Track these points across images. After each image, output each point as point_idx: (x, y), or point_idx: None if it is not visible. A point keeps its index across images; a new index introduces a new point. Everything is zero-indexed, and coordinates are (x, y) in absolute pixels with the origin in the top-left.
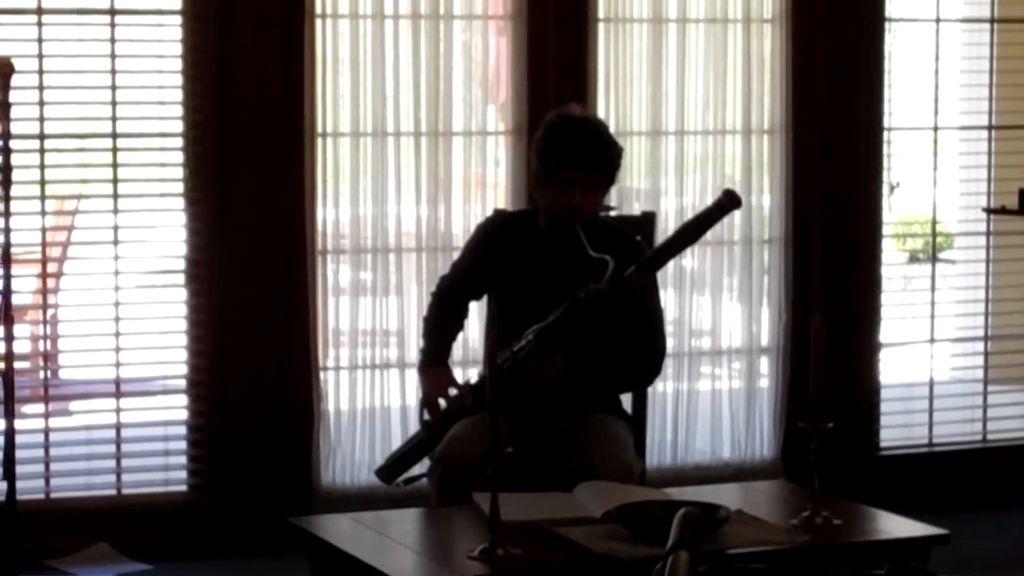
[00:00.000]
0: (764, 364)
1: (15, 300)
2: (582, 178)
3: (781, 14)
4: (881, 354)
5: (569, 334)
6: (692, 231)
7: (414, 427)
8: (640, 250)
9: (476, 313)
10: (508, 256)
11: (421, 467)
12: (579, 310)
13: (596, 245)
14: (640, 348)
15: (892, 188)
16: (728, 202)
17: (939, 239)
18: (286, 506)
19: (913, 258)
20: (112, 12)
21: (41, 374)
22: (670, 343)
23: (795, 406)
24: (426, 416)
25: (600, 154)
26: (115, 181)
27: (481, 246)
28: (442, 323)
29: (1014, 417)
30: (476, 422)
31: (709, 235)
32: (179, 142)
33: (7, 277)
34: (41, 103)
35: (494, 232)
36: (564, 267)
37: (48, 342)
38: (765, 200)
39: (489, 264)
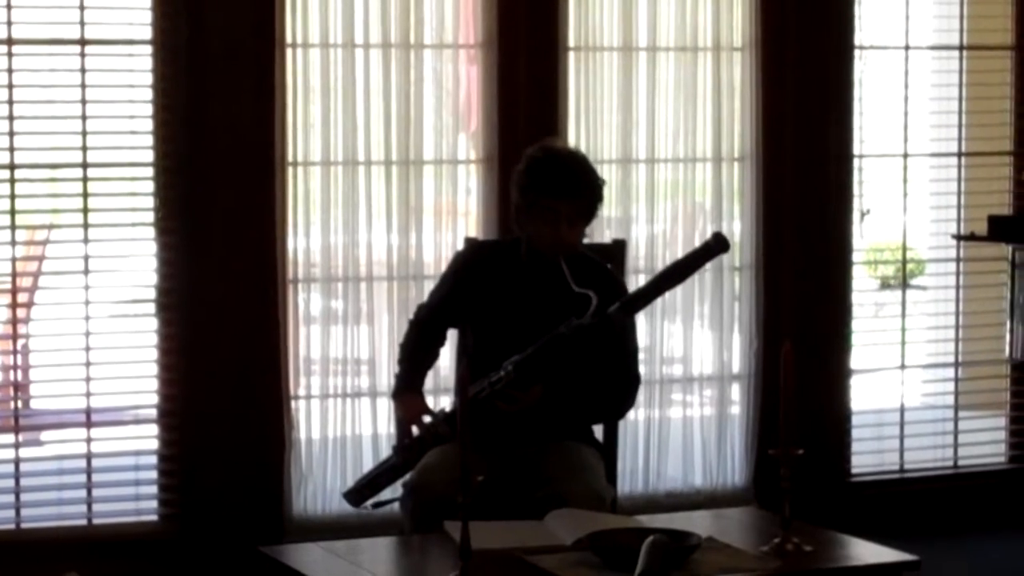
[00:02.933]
0: (735, 391)
1: None
2: (565, 210)
3: (751, 42)
4: (852, 380)
5: (548, 367)
6: (679, 272)
7: (386, 455)
8: (618, 283)
9: (450, 341)
10: (487, 286)
11: (391, 491)
12: (559, 345)
13: (576, 278)
14: (615, 381)
15: (863, 215)
16: (716, 245)
17: (910, 265)
18: (257, 535)
19: (884, 284)
20: (82, 43)
21: (12, 404)
22: (642, 371)
23: (766, 433)
24: (403, 441)
25: (583, 185)
26: (86, 211)
27: (460, 275)
28: (418, 351)
29: (985, 443)
30: (449, 450)
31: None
32: (150, 172)
33: None
34: (11, 133)
35: (473, 261)
36: (544, 299)
37: (19, 372)
38: (736, 227)
39: (467, 293)
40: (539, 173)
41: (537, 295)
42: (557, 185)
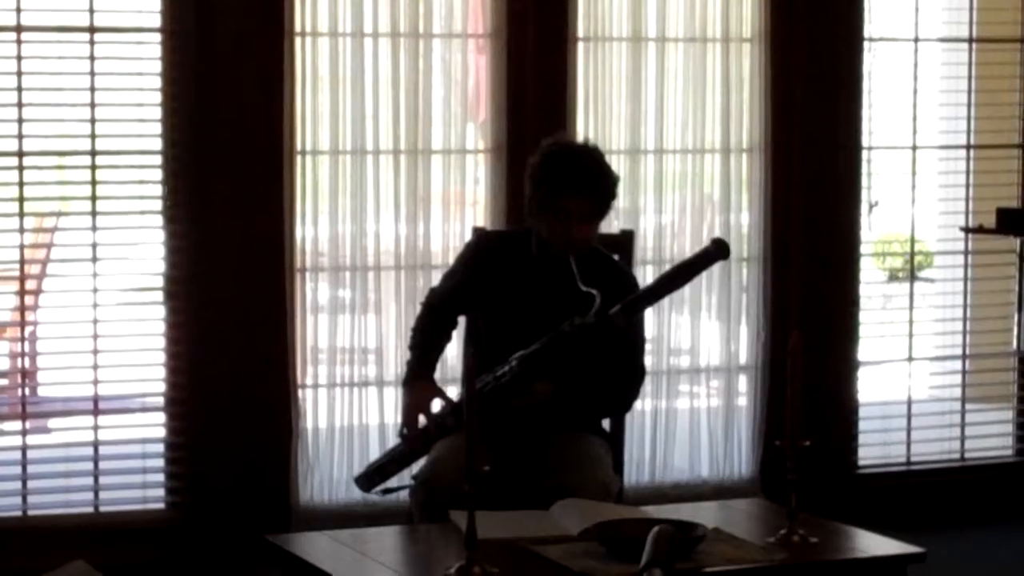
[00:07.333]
0: (742, 382)
1: None
2: (580, 208)
3: (760, 33)
4: (859, 372)
5: (551, 364)
6: (678, 277)
7: (392, 444)
8: (629, 281)
9: (458, 330)
10: (498, 277)
11: (399, 479)
12: (562, 343)
13: (587, 275)
14: (621, 375)
15: (871, 207)
16: (716, 251)
17: (918, 258)
18: (264, 523)
19: (892, 276)
20: (91, 30)
21: (19, 391)
22: (649, 362)
23: (773, 424)
24: (405, 430)
25: (599, 183)
26: (94, 198)
27: (472, 265)
28: (429, 336)
29: (992, 436)
30: (459, 443)
31: (688, 253)
32: (158, 159)
33: None
34: (20, 120)
35: (486, 251)
36: (552, 295)
37: (27, 359)
38: (744, 218)
39: (479, 283)
40: (555, 170)
41: (545, 290)
42: (573, 183)
